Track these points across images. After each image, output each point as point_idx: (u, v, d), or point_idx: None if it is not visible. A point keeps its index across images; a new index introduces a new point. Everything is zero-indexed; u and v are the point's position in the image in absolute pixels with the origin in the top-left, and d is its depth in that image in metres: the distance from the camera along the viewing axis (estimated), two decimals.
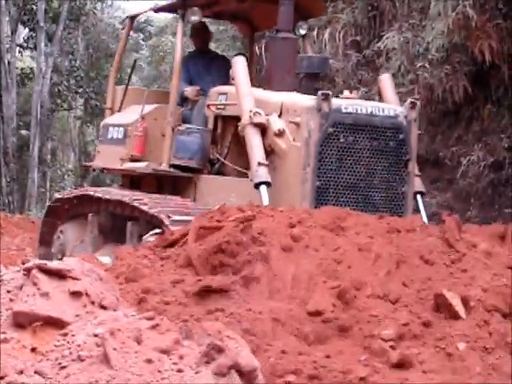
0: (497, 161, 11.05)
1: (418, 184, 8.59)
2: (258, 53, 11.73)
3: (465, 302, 5.24)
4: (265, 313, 5.16)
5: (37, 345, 3.75)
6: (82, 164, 12.53)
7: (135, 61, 13.74)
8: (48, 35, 26.88)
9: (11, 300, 3.96)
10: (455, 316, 5.17)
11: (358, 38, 11.86)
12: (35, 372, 3.57)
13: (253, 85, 9.12)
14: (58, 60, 27.69)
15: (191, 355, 3.74)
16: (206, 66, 10.06)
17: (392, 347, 4.97)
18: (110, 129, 10.53)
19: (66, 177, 32.27)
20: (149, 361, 3.64)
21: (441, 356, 5.03)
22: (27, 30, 28.13)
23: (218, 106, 9.18)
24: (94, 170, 13.25)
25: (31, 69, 27.95)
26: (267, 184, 7.54)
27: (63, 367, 3.59)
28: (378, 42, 13.35)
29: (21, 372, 3.58)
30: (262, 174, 7.60)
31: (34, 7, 26.57)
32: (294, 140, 7.87)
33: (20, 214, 19.57)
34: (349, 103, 7.99)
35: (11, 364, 3.62)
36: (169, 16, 36.35)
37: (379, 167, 7.95)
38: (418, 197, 8.57)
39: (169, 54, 36.42)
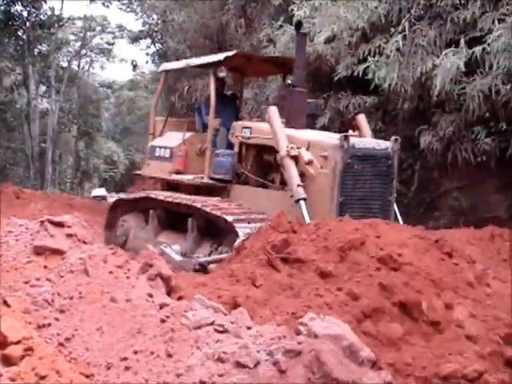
0: None
1: None
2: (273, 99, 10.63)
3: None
4: None
5: (47, 264, 3.71)
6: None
7: (172, 103, 11.86)
8: (56, 90, 26.33)
9: (32, 239, 3.91)
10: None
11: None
12: (46, 279, 3.54)
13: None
14: (62, 104, 27.10)
15: (134, 268, 3.75)
16: (222, 103, 8.55)
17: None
18: (157, 149, 8.84)
19: (67, 170, 31.62)
20: (111, 272, 3.63)
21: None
22: (45, 87, 27.55)
23: (243, 136, 7.86)
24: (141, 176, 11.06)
25: (47, 109, 27.25)
26: (304, 199, 6.28)
27: (62, 276, 3.57)
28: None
29: (38, 279, 3.54)
30: (301, 192, 6.31)
31: (49, 74, 26.05)
32: (321, 168, 6.55)
33: (40, 191, 18.99)
34: (359, 141, 6.74)
35: (33, 274, 3.59)
36: (127, 78, 35.69)
37: (376, 184, 6.74)
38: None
39: (125, 101, 35.97)
